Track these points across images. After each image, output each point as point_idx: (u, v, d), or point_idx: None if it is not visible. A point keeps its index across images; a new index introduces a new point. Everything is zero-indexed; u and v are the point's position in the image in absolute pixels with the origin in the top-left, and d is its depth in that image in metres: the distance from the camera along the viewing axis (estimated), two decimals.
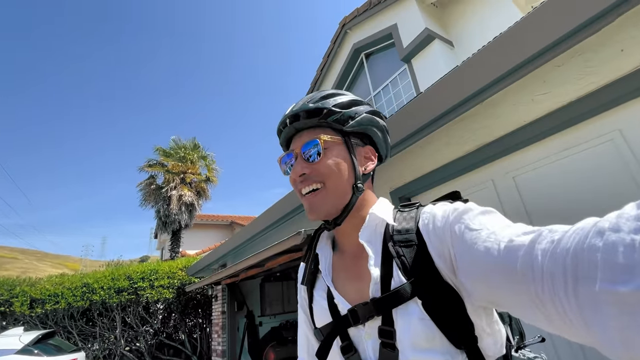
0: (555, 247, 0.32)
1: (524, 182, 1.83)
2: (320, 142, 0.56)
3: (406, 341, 0.46)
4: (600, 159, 1.54)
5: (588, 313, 0.28)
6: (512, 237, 0.38)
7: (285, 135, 0.63)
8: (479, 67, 1.64)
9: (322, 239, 0.67)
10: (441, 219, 0.49)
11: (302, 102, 0.61)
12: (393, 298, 0.48)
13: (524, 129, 1.78)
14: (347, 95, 0.63)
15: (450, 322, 0.46)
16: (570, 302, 0.29)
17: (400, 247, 0.51)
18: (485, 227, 0.43)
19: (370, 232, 0.56)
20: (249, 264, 3.40)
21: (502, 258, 0.37)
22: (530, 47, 1.44)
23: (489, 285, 0.40)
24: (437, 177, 2.24)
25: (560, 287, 0.30)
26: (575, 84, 1.59)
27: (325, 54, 6.80)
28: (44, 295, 6.16)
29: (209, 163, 14.11)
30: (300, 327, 0.69)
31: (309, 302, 0.64)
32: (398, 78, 5.17)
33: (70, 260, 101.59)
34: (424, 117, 1.88)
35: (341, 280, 0.59)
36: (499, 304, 0.42)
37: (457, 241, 0.45)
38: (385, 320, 0.49)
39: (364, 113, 0.61)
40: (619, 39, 1.45)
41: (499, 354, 0.50)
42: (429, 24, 4.53)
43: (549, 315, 0.33)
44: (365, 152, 0.62)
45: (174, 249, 12.36)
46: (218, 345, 5.69)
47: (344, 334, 0.54)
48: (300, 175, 0.58)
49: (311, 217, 0.59)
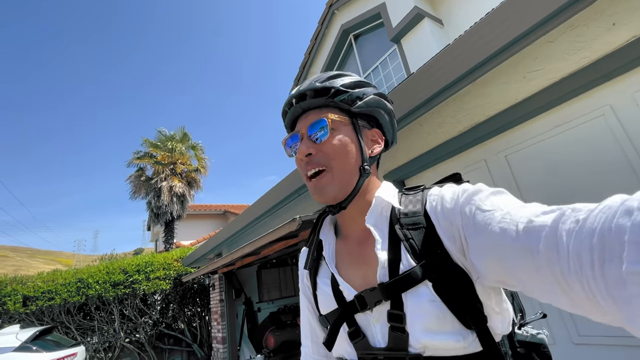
0: (581, 228, 0.31)
1: (516, 160, 1.84)
2: (327, 122, 0.55)
3: (417, 324, 0.46)
4: (592, 135, 1.55)
5: (616, 293, 0.28)
6: (530, 217, 0.37)
7: (291, 115, 0.61)
8: (469, 45, 1.61)
9: (325, 225, 0.65)
10: (450, 200, 0.48)
11: (309, 81, 0.59)
12: (403, 281, 0.47)
13: (516, 108, 1.78)
14: (354, 76, 0.61)
15: (461, 303, 0.46)
16: (598, 283, 0.29)
17: (408, 230, 0.51)
18: (499, 208, 0.42)
19: (377, 216, 0.55)
20: (244, 252, 3.40)
21: (522, 239, 0.37)
22: (522, 23, 1.41)
23: (504, 267, 0.40)
24: (430, 159, 2.24)
25: (587, 267, 0.30)
26: (567, 59, 1.58)
27: (312, 37, 6.62)
28: (37, 293, 6.09)
29: (198, 153, 13.92)
30: (302, 314, 0.68)
31: (313, 290, 0.63)
32: (388, 59, 5.09)
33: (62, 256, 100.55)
34: (416, 99, 1.86)
35: (345, 266, 0.58)
36: (512, 284, 0.42)
37: (468, 223, 0.44)
38: (395, 304, 0.48)
39: (372, 94, 0.59)
40: (611, 12, 1.43)
41: (506, 331, 0.50)
42: (418, 2, 4.42)
43: (573, 295, 0.32)
44: (372, 135, 0.60)
45: (168, 241, 12.31)
46: (218, 333, 5.77)
47: (351, 319, 0.53)
48: (307, 155, 0.56)
49: (318, 199, 0.57)
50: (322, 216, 0.66)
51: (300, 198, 3.26)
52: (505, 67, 1.74)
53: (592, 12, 1.45)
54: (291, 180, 3.05)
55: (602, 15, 1.44)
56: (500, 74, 1.80)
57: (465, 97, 1.98)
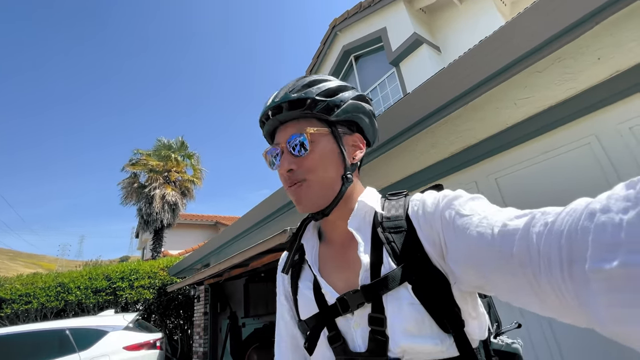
0: (549, 230, 0.32)
1: (505, 183, 1.87)
2: (306, 136, 0.54)
3: (397, 327, 0.46)
4: (578, 163, 1.59)
5: (582, 293, 0.29)
6: (505, 221, 0.38)
7: (268, 127, 0.60)
8: (462, 70, 1.67)
9: (308, 229, 0.65)
10: (431, 205, 0.49)
11: (284, 91, 0.57)
12: (383, 283, 0.48)
13: (506, 132, 1.83)
14: (331, 80, 0.59)
15: (440, 306, 0.46)
16: (566, 283, 0.30)
17: (390, 234, 0.51)
18: (477, 213, 0.43)
19: (359, 220, 0.56)
20: (233, 263, 3.34)
21: (497, 243, 0.38)
22: (513, 51, 1.48)
23: (481, 270, 0.40)
24: (422, 178, 2.27)
25: (556, 269, 0.31)
26: (554, 89, 1.64)
27: (314, 55, 6.81)
28: (14, 296, 5.87)
29: (194, 162, 13.89)
30: (278, 320, 0.67)
31: (294, 294, 0.62)
32: (386, 81, 5.23)
33: (45, 260, 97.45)
34: (409, 119, 1.91)
35: (328, 270, 0.58)
36: (488, 289, 0.42)
37: (447, 227, 0.45)
38: (375, 307, 0.48)
39: (350, 100, 0.58)
40: (596, 47, 1.51)
41: (483, 336, 0.50)
42: (417, 29, 4.60)
43: (545, 297, 0.33)
44: (353, 141, 0.60)
45: (156, 249, 12.06)
46: (199, 347, 5.57)
47: (331, 324, 0.53)
48: (288, 171, 0.56)
49: (301, 209, 0.57)
50: (305, 222, 0.66)
51: (290, 212, 3.26)
52: (496, 93, 1.81)
53: (578, 46, 1.53)
54: (282, 194, 3.06)
55: (588, 49, 1.52)
56: (491, 100, 1.87)
57: (457, 120, 2.04)
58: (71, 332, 4.30)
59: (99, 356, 4.15)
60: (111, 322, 4.65)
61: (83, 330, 4.38)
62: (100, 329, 4.46)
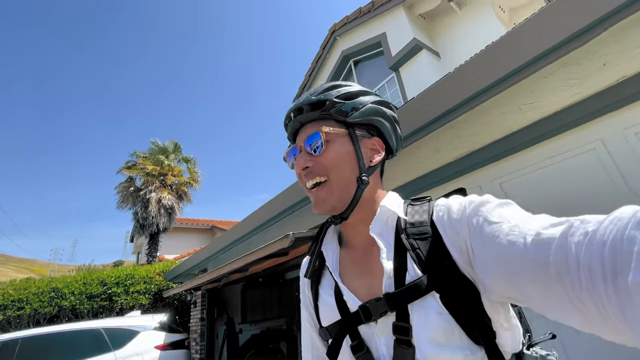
0: (590, 240, 0.30)
1: (510, 188, 1.87)
2: (322, 135, 0.55)
3: (423, 337, 0.44)
4: (584, 168, 1.59)
5: (628, 308, 0.27)
6: (539, 229, 0.36)
7: (290, 129, 0.63)
8: (469, 75, 1.67)
9: (328, 234, 0.64)
10: (457, 211, 0.48)
11: (306, 94, 0.60)
12: (410, 292, 0.46)
13: (512, 137, 1.83)
14: (353, 85, 0.61)
15: (469, 316, 0.44)
16: (610, 297, 0.28)
17: (414, 240, 0.50)
18: (507, 220, 0.41)
19: (382, 225, 0.55)
20: (233, 268, 3.30)
21: (531, 252, 0.36)
22: (520, 57, 1.48)
23: (512, 281, 0.38)
24: (426, 182, 2.27)
25: (599, 281, 0.29)
26: (560, 94, 1.65)
27: (314, 60, 6.83)
28: (7, 301, 5.75)
29: (191, 166, 13.82)
30: (303, 326, 0.66)
31: (314, 300, 0.61)
32: (386, 86, 5.26)
33: (37, 265, 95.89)
34: (414, 123, 1.90)
35: (350, 276, 0.56)
36: (520, 299, 0.40)
37: (474, 235, 0.44)
38: (400, 316, 0.47)
39: (369, 103, 0.59)
40: (602, 53, 1.52)
41: (516, 349, 0.49)
42: (417, 34, 4.64)
43: (586, 311, 0.31)
44: (371, 144, 0.60)
45: (152, 253, 11.91)
46: (196, 354, 5.48)
47: (354, 332, 0.51)
48: (304, 168, 0.57)
49: (317, 211, 0.57)
50: (325, 226, 0.65)
51: (293, 216, 3.22)
52: (502, 98, 1.81)
53: (584, 52, 1.54)
54: (285, 197, 3.03)
55: (595, 55, 1.53)
56: (497, 104, 1.87)
57: (463, 124, 2.04)
58: (105, 331, 4.41)
59: (133, 355, 4.27)
60: (141, 322, 4.78)
61: (116, 330, 4.49)
62: (132, 329, 4.57)
